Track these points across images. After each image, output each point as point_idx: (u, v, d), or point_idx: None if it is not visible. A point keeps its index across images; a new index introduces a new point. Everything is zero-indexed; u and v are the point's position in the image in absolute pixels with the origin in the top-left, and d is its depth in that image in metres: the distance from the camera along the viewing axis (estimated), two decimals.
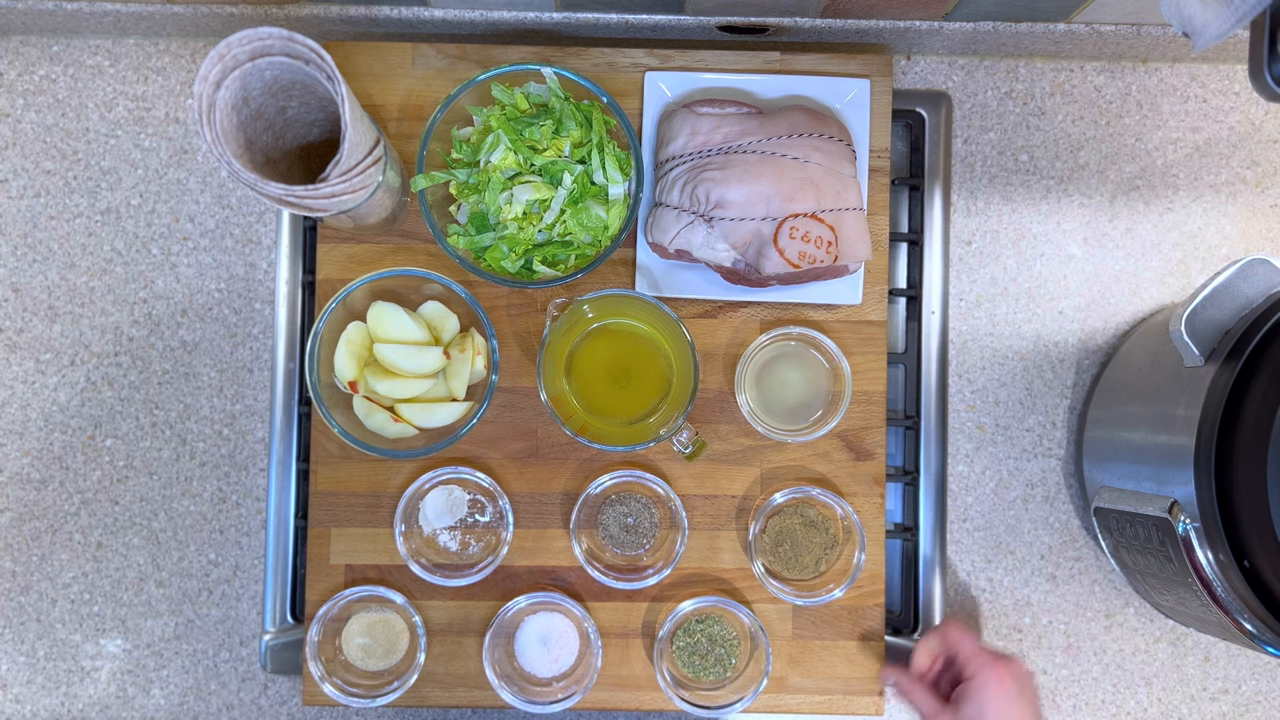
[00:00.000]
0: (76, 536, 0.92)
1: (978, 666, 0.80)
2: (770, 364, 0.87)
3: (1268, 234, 0.94)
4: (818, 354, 0.87)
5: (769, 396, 0.87)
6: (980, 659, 0.81)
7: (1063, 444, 0.94)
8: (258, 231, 0.93)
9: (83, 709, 0.91)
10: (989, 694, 0.79)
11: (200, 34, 0.91)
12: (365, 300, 0.83)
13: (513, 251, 0.83)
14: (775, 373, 0.87)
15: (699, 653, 0.87)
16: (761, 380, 0.87)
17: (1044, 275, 0.94)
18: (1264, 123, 0.95)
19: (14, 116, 0.92)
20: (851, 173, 0.84)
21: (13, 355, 0.92)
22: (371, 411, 0.82)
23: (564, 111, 0.83)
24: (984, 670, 0.80)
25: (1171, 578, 0.77)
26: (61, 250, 0.92)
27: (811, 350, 0.87)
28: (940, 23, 0.87)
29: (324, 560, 0.87)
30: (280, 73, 0.71)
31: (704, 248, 0.83)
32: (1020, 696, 0.79)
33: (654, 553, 0.88)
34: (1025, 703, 0.79)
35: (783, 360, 0.87)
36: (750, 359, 0.86)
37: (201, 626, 0.92)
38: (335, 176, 0.71)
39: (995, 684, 0.79)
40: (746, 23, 0.88)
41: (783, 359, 0.87)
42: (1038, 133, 0.94)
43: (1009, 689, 0.79)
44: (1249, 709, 0.93)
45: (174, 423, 0.92)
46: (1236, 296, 0.75)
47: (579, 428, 0.82)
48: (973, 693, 0.79)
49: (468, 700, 0.87)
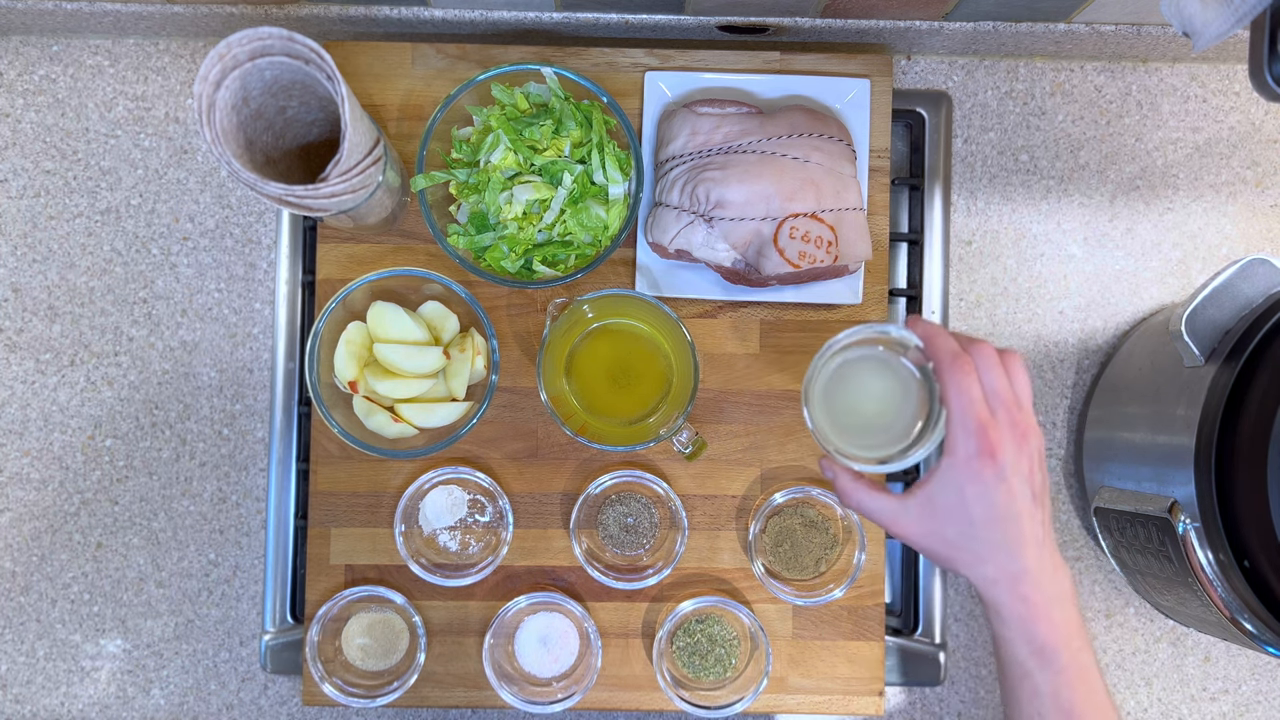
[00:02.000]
0: (76, 536, 0.92)
1: (950, 432, 0.62)
2: (847, 369, 0.70)
3: (1268, 234, 0.94)
4: (906, 360, 0.69)
5: (845, 414, 0.70)
6: (952, 397, 0.61)
7: (1063, 444, 0.94)
8: (258, 231, 0.93)
9: (83, 709, 0.91)
10: (968, 474, 0.61)
11: (200, 34, 0.91)
12: (365, 300, 0.83)
13: (513, 251, 0.83)
14: (854, 382, 0.70)
15: (699, 653, 0.87)
16: (834, 391, 0.70)
17: (1044, 275, 0.94)
18: (1264, 123, 0.95)
19: (14, 116, 0.92)
20: (851, 173, 0.84)
21: (13, 355, 0.92)
22: (371, 411, 0.82)
23: (564, 111, 0.83)
24: (959, 434, 0.62)
25: (1171, 578, 0.77)
26: (61, 250, 0.92)
27: (899, 357, 0.70)
28: (940, 23, 0.87)
29: (324, 560, 0.87)
30: (280, 73, 0.71)
31: (704, 248, 0.83)
32: (1014, 470, 0.62)
33: (654, 553, 0.88)
34: (1020, 478, 0.62)
35: (864, 367, 0.70)
36: (824, 362, 0.69)
37: (201, 626, 0.92)
38: (335, 176, 0.71)
39: (978, 459, 0.61)
40: (746, 23, 0.88)
41: (864, 365, 0.70)
42: (1038, 133, 0.94)
43: (999, 463, 0.61)
44: (1249, 709, 0.93)
45: (174, 423, 0.92)
46: (1236, 296, 0.75)
47: (579, 428, 0.82)
48: (945, 471, 0.62)
49: (467, 700, 0.87)
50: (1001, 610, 0.63)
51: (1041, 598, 0.62)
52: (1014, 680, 0.64)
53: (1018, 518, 0.62)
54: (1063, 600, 0.63)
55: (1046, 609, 0.63)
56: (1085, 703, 0.62)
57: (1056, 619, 0.63)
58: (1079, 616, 0.64)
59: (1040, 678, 0.62)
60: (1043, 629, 0.62)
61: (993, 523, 0.62)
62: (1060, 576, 0.64)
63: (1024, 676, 0.63)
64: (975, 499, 0.62)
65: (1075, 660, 0.62)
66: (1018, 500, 0.62)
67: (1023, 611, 0.63)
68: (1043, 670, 0.62)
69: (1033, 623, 0.62)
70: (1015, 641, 0.63)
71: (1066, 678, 0.62)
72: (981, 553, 0.63)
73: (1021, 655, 0.63)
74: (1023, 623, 0.63)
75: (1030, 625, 0.62)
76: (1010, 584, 0.63)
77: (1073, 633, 0.63)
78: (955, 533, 0.63)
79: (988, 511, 0.62)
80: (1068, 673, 0.62)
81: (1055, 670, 0.62)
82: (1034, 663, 0.62)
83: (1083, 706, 0.62)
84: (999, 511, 0.62)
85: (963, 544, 0.64)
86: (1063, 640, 0.62)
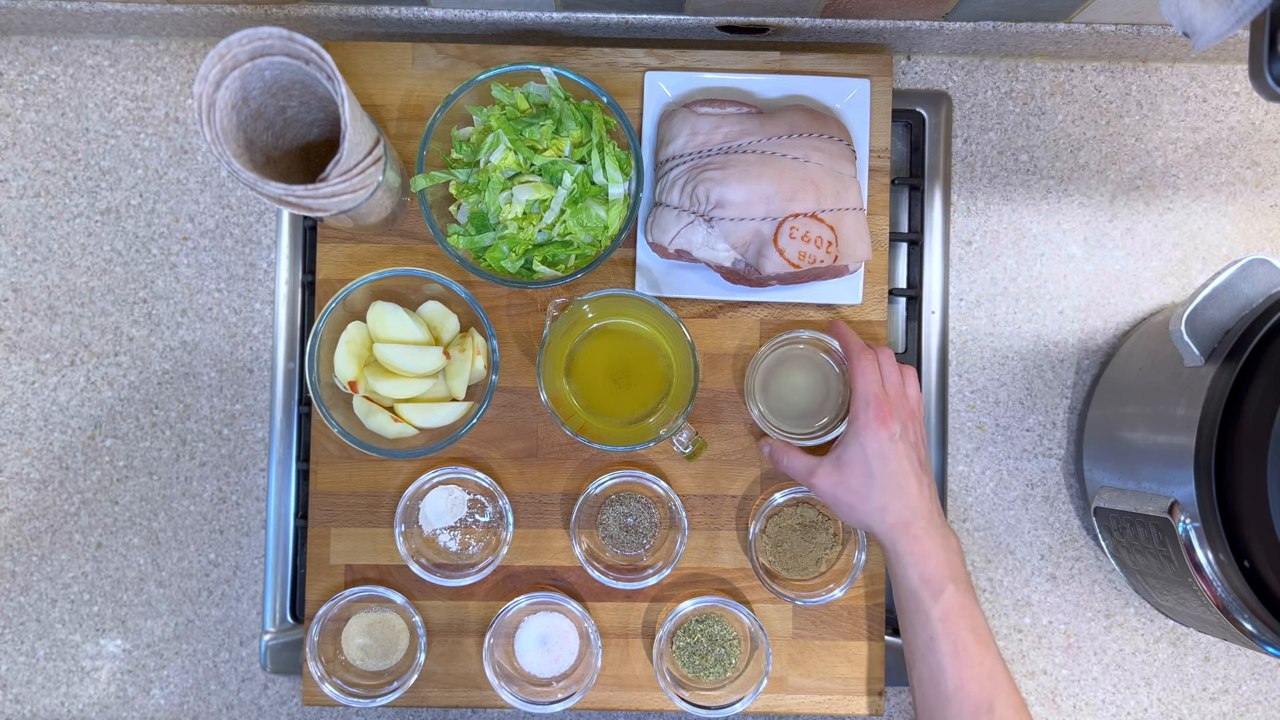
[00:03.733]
0: (76, 536, 0.92)
1: (854, 400, 0.78)
2: (779, 368, 0.87)
3: (1268, 234, 0.94)
4: (827, 357, 0.86)
5: (779, 401, 0.86)
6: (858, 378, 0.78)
7: (1063, 444, 0.94)
8: (258, 231, 0.93)
9: (83, 709, 0.91)
10: (868, 435, 0.77)
11: (200, 34, 0.91)
12: (365, 300, 0.83)
13: (513, 251, 0.83)
14: (785, 377, 0.87)
15: (699, 653, 0.87)
16: (771, 385, 0.87)
17: (1044, 275, 0.94)
18: (1264, 123, 0.95)
19: (14, 116, 0.92)
20: (851, 172, 0.84)
21: (13, 355, 0.92)
22: (371, 411, 0.82)
23: (564, 111, 0.83)
24: (861, 405, 0.78)
25: (1171, 578, 0.77)
26: (61, 250, 0.92)
27: (821, 354, 0.86)
28: (940, 23, 0.87)
29: (324, 560, 0.87)
30: (280, 73, 0.71)
31: (704, 248, 0.83)
32: (904, 438, 0.77)
33: (654, 553, 0.88)
34: (908, 445, 0.77)
35: (792, 364, 0.87)
36: (759, 364, 0.85)
37: (201, 626, 0.92)
38: (335, 176, 0.71)
39: (876, 424, 0.77)
40: (746, 23, 0.88)
41: (792, 362, 0.87)
42: (1038, 133, 0.94)
43: (890, 429, 0.77)
44: (1249, 709, 0.93)
45: (174, 423, 0.92)
46: (1236, 296, 0.75)
47: (579, 428, 0.82)
48: (850, 436, 0.78)
49: (467, 700, 0.87)
50: (898, 548, 0.76)
51: (931, 543, 0.76)
52: (908, 612, 0.76)
53: (908, 475, 0.77)
54: (949, 551, 0.76)
55: (935, 551, 0.76)
56: (968, 626, 0.75)
57: (943, 560, 0.76)
58: (965, 569, 0.77)
59: (929, 605, 0.75)
60: (931, 565, 0.75)
61: (888, 476, 0.77)
62: (948, 534, 0.77)
63: (916, 607, 0.75)
64: (874, 455, 0.77)
65: (960, 594, 0.75)
66: (906, 461, 0.77)
67: (915, 549, 0.76)
68: (933, 600, 0.75)
69: (924, 559, 0.76)
70: (909, 576, 0.76)
71: (953, 604, 0.75)
72: (881, 501, 0.77)
73: (915, 585, 0.75)
74: (915, 558, 0.76)
75: (922, 561, 0.75)
76: (904, 528, 0.76)
77: (958, 575, 0.76)
78: (858, 483, 0.77)
79: (884, 466, 0.77)
80: (953, 601, 0.75)
81: (943, 600, 0.75)
82: (925, 593, 0.75)
83: (966, 629, 0.74)
84: (892, 467, 0.77)
85: (865, 493, 0.77)
86: (949, 577, 0.75)
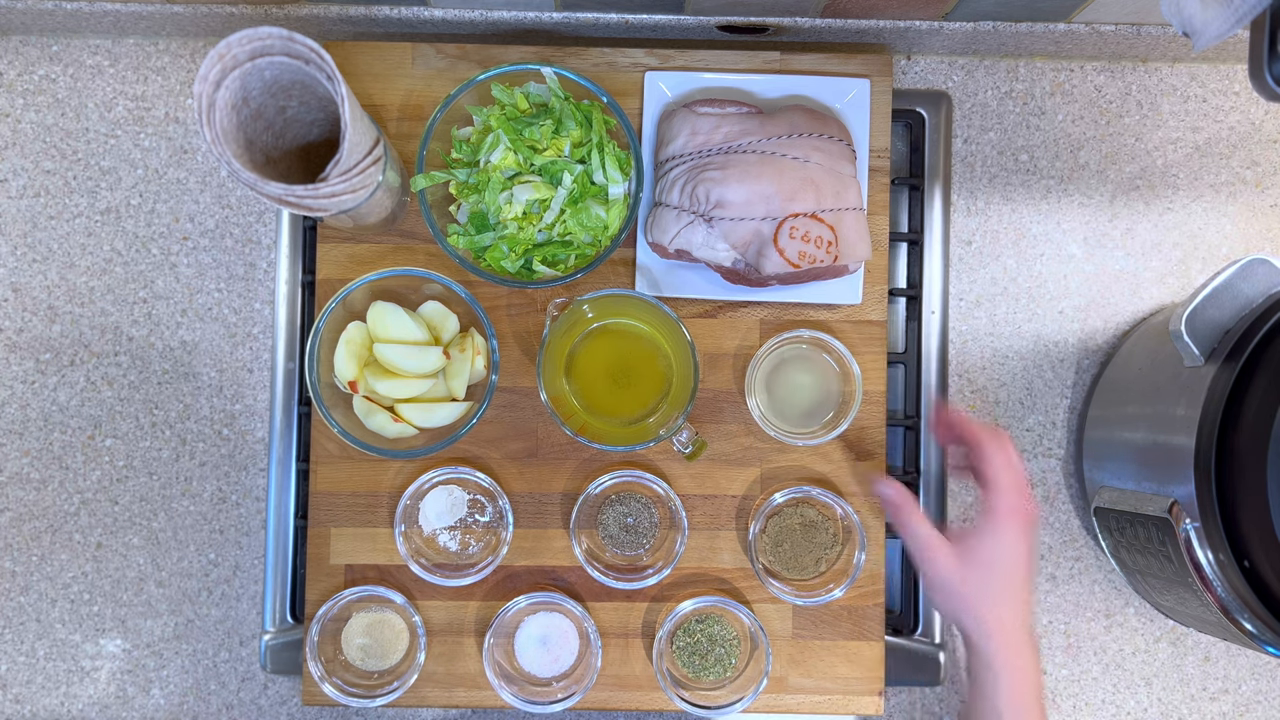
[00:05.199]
0: (76, 536, 0.92)
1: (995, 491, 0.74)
2: (780, 367, 0.87)
3: (1268, 234, 0.94)
4: (828, 357, 0.87)
5: (779, 401, 0.87)
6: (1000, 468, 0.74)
7: (1063, 444, 0.94)
8: (258, 231, 0.93)
9: (82, 709, 0.91)
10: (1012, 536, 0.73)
11: (200, 34, 0.91)
12: (365, 300, 0.83)
13: (513, 251, 0.83)
14: (785, 376, 0.87)
15: (699, 653, 0.87)
16: (771, 384, 0.87)
17: (1044, 275, 0.94)
18: (1264, 123, 0.95)
19: (14, 116, 0.92)
20: (851, 172, 0.84)
21: (13, 355, 0.92)
22: (371, 411, 0.82)
23: (564, 111, 0.83)
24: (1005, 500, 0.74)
25: (1171, 578, 0.77)
26: (61, 250, 0.92)
27: (822, 353, 0.87)
28: (940, 23, 0.87)
29: (324, 560, 0.87)
30: (280, 73, 0.71)
31: (704, 248, 0.83)
32: (1034, 533, 0.75)
33: (654, 553, 0.88)
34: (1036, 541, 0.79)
35: (792, 363, 0.87)
36: (759, 363, 0.86)
37: (201, 626, 0.92)
38: (335, 176, 0.71)
39: (1025, 524, 0.74)
40: (746, 23, 0.88)
41: (792, 362, 0.87)
42: (1038, 133, 0.94)
43: (1030, 520, 0.74)
44: (1249, 709, 0.93)
45: (174, 423, 0.92)
46: (1236, 296, 0.75)
47: (579, 428, 0.82)
48: (988, 529, 0.74)
49: (467, 700, 0.87)
50: (995, 660, 0.73)
51: (1024, 660, 0.73)
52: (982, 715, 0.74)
53: (1026, 583, 0.74)
54: (1038, 672, 0.74)
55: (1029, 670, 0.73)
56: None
57: (1033, 683, 0.73)
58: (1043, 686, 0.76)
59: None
60: (1022, 685, 0.73)
61: (1011, 580, 0.74)
62: (1036, 647, 0.75)
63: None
64: (1009, 557, 0.73)
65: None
66: (1028, 568, 0.74)
67: (1014, 663, 0.73)
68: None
69: (1017, 676, 0.73)
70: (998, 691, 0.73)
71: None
72: (994, 604, 0.73)
73: (1000, 706, 0.73)
74: (1009, 675, 0.73)
75: (1015, 677, 0.73)
76: (1004, 637, 0.73)
77: (1042, 699, 0.74)
78: (980, 579, 0.74)
79: (1014, 570, 0.74)
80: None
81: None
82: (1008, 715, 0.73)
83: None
84: (1021, 573, 0.74)
85: (982, 593, 0.74)
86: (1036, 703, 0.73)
